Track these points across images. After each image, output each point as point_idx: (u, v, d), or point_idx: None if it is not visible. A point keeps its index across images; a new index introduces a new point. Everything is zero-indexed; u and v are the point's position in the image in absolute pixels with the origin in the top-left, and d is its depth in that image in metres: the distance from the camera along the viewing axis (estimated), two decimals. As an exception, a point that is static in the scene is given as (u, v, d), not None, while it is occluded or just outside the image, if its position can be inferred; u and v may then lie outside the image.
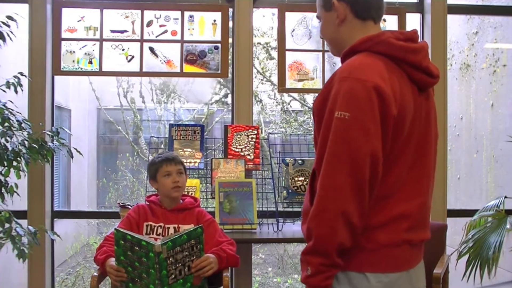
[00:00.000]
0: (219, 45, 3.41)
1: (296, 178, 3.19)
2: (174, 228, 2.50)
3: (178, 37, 3.39)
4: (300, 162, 3.22)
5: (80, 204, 7.65)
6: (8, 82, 2.83)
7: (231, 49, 3.50)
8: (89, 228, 7.18)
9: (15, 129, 2.77)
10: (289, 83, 3.44)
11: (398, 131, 1.34)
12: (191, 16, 3.41)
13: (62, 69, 3.36)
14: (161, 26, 3.39)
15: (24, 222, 3.03)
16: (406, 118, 1.36)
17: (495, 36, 4.88)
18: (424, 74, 1.43)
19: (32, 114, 3.26)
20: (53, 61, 3.35)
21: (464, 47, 5.40)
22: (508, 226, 2.99)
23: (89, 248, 6.78)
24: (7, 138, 2.71)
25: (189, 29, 3.41)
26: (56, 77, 3.44)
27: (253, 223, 2.98)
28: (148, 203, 2.60)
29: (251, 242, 3.37)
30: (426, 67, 1.42)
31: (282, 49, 3.43)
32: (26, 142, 2.80)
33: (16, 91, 2.83)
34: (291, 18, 3.44)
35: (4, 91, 2.83)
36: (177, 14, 3.40)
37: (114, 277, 2.26)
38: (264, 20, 5.92)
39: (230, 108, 3.60)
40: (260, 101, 6.70)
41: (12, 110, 2.82)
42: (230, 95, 6.25)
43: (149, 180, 2.64)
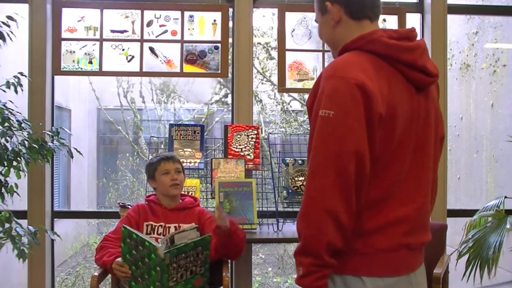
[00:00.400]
0: (219, 45, 3.41)
1: (296, 178, 3.19)
2: (175, 227, 2.50)
3: (178, 37, 3.39)
4: (300, 162, 3.22)
5: (80, 204, 7.65)
6: (8, 82, 2.83)
7: (231, 49, 3.50)
8: (89, 228, 7.18)
9: (15, 129, 2.77)
10: (289, 83, 3.44)
11: (388, 131, 1.32)
12: (191, 16, 3.41)
13: (62, 69, 3.36)
14: (161, 26, 3.39)
15: (24, 222, 3.03)
16: (397, 118, 1.33)
17: (495, 36, 4.88)
18: (420, 73, 1.39)
19: (32, 114, 3.26)
20: (53, 61, 3.34)
21: (464, 47, 5.39)
22: (508, 226, 2.99)
23: (89, 248, 6.78)
24: (7, 138, 2.71)
25: (189, 29, 3.41)
26: (56, 77, 3.44)
27: (253, 223, 2.97)
28: (147, 203, 2.61)
29: (251, 242, 3.37)
30: (422, 65, 1.39)
31: (282, 49, 3.43)
32: (26, 142, 2.80)
33: (16, 91, 2.83)
34: (291, 18, 3.44)
35: (4, 91, 2.83)
36: (177, 14, 3.40)
37: (119, 272, 2.27)
38: (264, 20, 5.92)
39: (230, 108, 3.60)
40: (260, 101, 6.69)
41: (12, 110, 2.82)
42: (230, 95, 6.25)
43: (147, 180, 2.66)
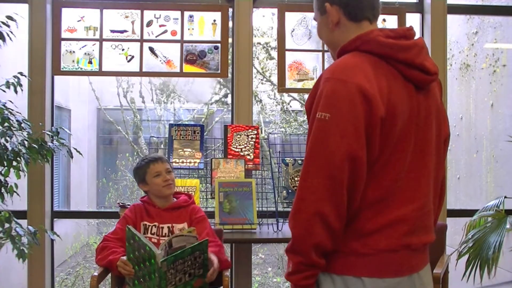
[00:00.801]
0: (219, 45, 3.41)
1: (296, 178, 3.19)
2: (168, 227, 2.51)
3: (178, 37, 3.39)
4: (300, 162, 3.22)
5: (80, 204, 7.65)
6: (8, 82, 2.83)
7: (231, 49, 3.50)
8: (89, 228, 7.18)
9: (15, 129, 2.76)
10: (289, 83, 3.44)
11: (388, 131, 1.31)
12: (191, 16, 3.41)
13: (62, 69, 3.35)
14: (161, 26, 3.39)
15: (24, 222, 3.03)
16: (397, 118, 1.32)
17: (495, 36, 4.88)
18: (419, 71, 1.38)
19: (32, 114, 3.26)
20: (53, 61, 3.34)
21: (464, 47, 5.40)
22: (508, 226, 2.99)
23: (88, 248, 6.78)
24: (7, 138, 2.70)
25: (189, 29, 3.40)
26: (56, 77, 3.44)
27: (253, 223, 2.98)
28: (142, 203, 2.61)
29: (251, 242, 3.38)
30: (420, 64, 1.37)
31: (282, 49, 3.43)
32: (26, 142, 2.80)
33: (16, 91, 2.83)
34: (291, 18, 3.43)
35: (4, 91, 2.83)
36: (177, 14, 3.40)
37: (123, 270, 2.26)
38: (264, 20, 5.92)
39: (230, 108, 3.60)
40: (260, 101, 6.69)
41: (12, 110, 2.82)
42: (230, 95, 6.25)
43: (138, 184, 2.65)
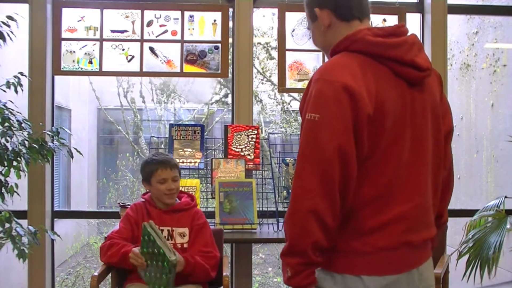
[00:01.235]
0: (219, 45, 3.41)
1: (296, 178, 3.18)
2: (168, 231, 2.49)
3: (178, 37, 3.39)
4: (300, 162, 3.22)
5: (80, 204, 7.65)
6: (8, 82, 2.83)
7: (231, 49, 3.50)
8: (89, 228, 7.18)
9: (15, 129, 2.77)
10: (289, 83, 3.44)
11: (377, 128, 1.33)
12: (191, 16, 3.41)
13: (62, 69, 3.35)
14: (161, 26, 3.39)
15: (24, 222, 3.03)
16: (387, 115, 1.34)
17: (495, 36, 4.88)
18: (410, 68, 1.39)
19: (32, 114, 3.26)
20: (53, 61, 3.34)
21: (464, 47, 5.40)
22: (508, 226, 2.99)
23: (89, 248, 6.78)
24: (7, 138, 2.71)
25: (189, 29, 3.40)
26: (56, 77, 3.44)
27: (253, 223, 2.98)
28: (144, 201, 2.58)
29: (251, 242, 3.38)
30: (411, 60, 1.38)
31: (282, 49, 3.43)
32: (26, 142, 2.80)
33: (16, 91, 2.83)
34: (291, 18, 3.44)
35: (4, 91, 2.83)
36: (177, 14, 3.39)
37: (135, 262, 2.26)
38: (264, 20, 5.92)
39: (230, 108, 3.60)
40: (260, 101, 6.70)
41: (12, 110, 2.82)
42: (230, 95, 6.25)
43: (142, 181, 2.59)
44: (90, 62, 3.35)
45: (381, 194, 1.35)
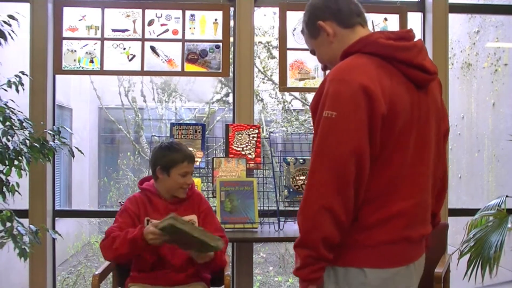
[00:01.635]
0: (220, 44, 3.40)
1: (297, 177, 3.19)
2: None
3: (179, 36, 3.39)
4: (301, 161, 3.22)
5: (81, 203, 7.66)
6: (9, 81, 2.83)
7: (232, 48, 3.50)
8: (90, 227, 7.18)
9: (17, 128, 2.77)
10: (290, 82, 3.44)
11: (389, 128, 1.37)
12: (192, 15, 3.41)
13: (63, 68, 3.35)
14: (162, 25, 3.39)
15: (25, 221, 3.04)
16: (398, 115, 1.38)
17: (496, 35, 4.88)
18: (419, 71, 1.45)
19: (33, 113, 3.26)
20: (54, 60, 3.35)
21: (466, 46, 5.39)
22: (509, 225, 2.99)
23: (90, 247, 6.79)
24: (9, 137, 2.71)
25: (190, 28, 3.40)
26: (57, 76, 3.44)
27: (254, 222, 2.98)
28: (142, 192, 2.47)
29: (252, 241, 3.38)
30: (420, 63, 1.44)
31: (283, 48, 3.43)
32: (27, 141, 2.80)
33: (17, 90, 2.83)
34: (292, 17, 3.43)
35: (6, 90, 2.83)
36: (179, 13, 3.39)
37: (157, 241, 2.19)
38: (265, 19, 5.92)
39: (232, 107, 3.60)
40: (261, 100, 6.70)
41: (14, 109, 2.82)
42: (231, 94, 6.24)
43: (157, 168, 2.38)
44: (91, 61, 3.35)
45: (385, 191, 1.41)
